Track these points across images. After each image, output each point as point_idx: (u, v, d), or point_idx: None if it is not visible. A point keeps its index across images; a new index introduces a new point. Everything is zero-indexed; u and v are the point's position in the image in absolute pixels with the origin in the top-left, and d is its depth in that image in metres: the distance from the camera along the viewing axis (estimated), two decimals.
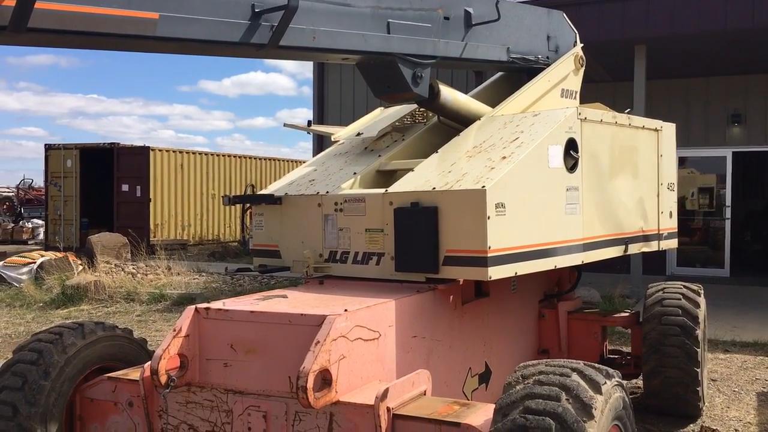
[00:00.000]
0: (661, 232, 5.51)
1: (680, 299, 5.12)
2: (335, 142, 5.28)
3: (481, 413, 2.90)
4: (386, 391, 2.94)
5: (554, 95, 5.46)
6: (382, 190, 4.15)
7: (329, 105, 15.97)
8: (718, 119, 13.58)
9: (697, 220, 14.61)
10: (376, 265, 4.14)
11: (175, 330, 3.33)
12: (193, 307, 3.45)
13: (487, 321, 4.66)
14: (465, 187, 3.80)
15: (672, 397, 5.03)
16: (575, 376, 2.69)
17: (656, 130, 5.46)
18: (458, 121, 4.90)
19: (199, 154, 22.28)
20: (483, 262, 3.71)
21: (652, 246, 5.42)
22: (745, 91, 13.41)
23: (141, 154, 19.75)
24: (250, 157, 24.83)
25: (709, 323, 8.50)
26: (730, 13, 9.74)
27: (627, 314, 5.56)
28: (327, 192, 4.37)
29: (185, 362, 3.38)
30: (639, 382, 5.66)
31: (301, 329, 3.18)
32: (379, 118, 5.46)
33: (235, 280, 12.28)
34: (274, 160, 25.98)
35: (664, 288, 5.30)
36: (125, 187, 19.58)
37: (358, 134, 5.22)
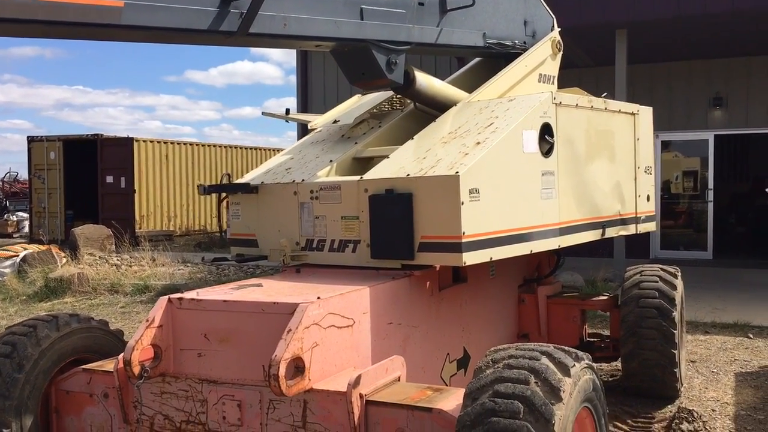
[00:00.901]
0: (638, 216, 5.53)
1: (657, 282, 5.15)
2: (313, 130, 5.26)
3: (454, 398, 2.92)
4: (359, 377, 2.95)
5: (532, 80, 5.45)
6: (357, 178, 4.14)
7: (313, 93, 15.91)
8: (700, 102, 13.63)
9: (682, 204, 14.70)
10: (353, 252, 4.13)
11: (148, 320, 3.32)
12: (166, 297, 3.44)
13: (466, 306, 4.67)
14: (439, 174, 3.80)
15: (650, 378, 5.07)
16: (544, 360, 2.70)
17: (633, 113, 5.47)
18: (435, 108, 4.89)
19: (184, 144, 22.17)
20: (457, 247, 3.72)
21: (630, 229, 5.44)
22: (727, 74, 13.46)
23: (125, 145, 19.62)
24: (235, 147, 24.74)
25: (690, 305, 8.59)
26: None
27: (606, 297, 5.59)
28: (303, 180, 4.36)
29: (159, 353, 3.37)
30: (619, 364, 5.70)
31: (274, 318, 3.18)
32: (356, 105, 5.45)
33: (220, 270, 12.26)
34: (261, 149, 25.91)
35: (642, 271, 5.33)
36: (110, 179, 19.47)
37: (335, 122, 5.21)
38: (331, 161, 4.59)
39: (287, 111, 5.95)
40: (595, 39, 11.39)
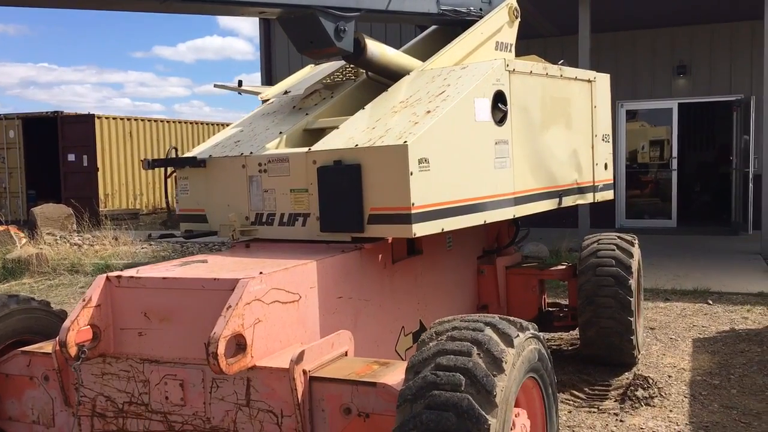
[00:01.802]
0: (596, 184, 5.50)
1: (614, 250, 5.14)
2: (264, 101, 5.13)
3: (399, 372, 2.85)
4: (302, 353, 2.87)
5: (488, 48, 5.35)
6: (306, 149, 4.04)
7: (277, 65, 15.65)
8: (664, 71, 13.66)
9: (649, 173, 14.80)
10: (302, 226, 4.04)
11: (84, 300, 3.21)
12: (104, 275, 3.32)
13: (421, 279, 4.61)
14: (387, 143, 3.71)
15: (607, 346, 5.08)
16: (488, 331, 2.64)
17: (589, 81, 5.41)
18: (388, 77, 4.78)
19: (149, 120, 21.77)
20: (407, 219, 3.64)
21: (588, 198, 5.41)
22: (690, 42, 13.49)
23: (86, 122, 19.20)
24: (202, 123, 24.37)
25: (652, 273, 8.67)
26: None
27: (564, 267, 5.58)
28: (251, 153, 4.24)
29: (98, 333, 3.26)
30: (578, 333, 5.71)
31: (215, 294, 3.08)
32: (308, 75, 5.32)
33: (185, 247, 12.09)
34: (228, 125, 25.51)
35: (599, 239, 5.32)
36: (71, 157, 19.05)
37: (286, 92, 5.07)
38: (280, 133, 4.47)
39: (240, 83, 5.80)
40: (559, 7, 11.31)
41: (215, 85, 5.91)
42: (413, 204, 3.63)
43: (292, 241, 4.07)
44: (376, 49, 4.64)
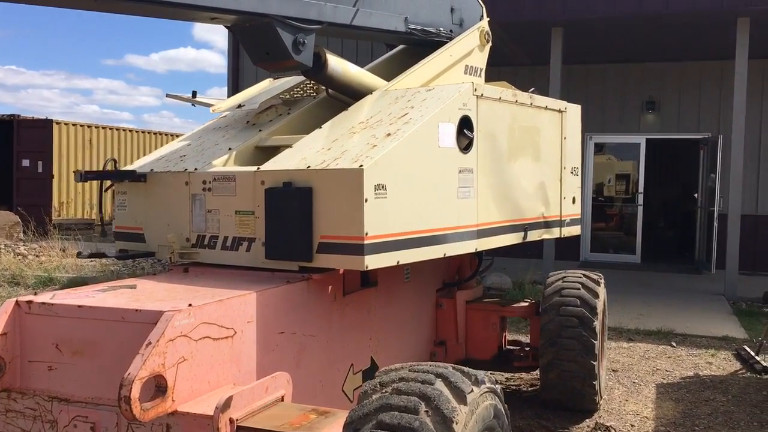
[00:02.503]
0: (563, 219, 5.26)
1: (579, 289, 4.90)
2: (226, 113, 4.80)
3: (337, 426, 2.53)
4: (229, 399, 2.54)
5: (457, 71, 5.11)
6: (254, 168, 3.72)
7: (245, 78, 15.27)
8: (634, 106, 13.64)
9: (614, 207, 14.73)
10: (247, 251, 3.71)
11: None
12: (14, 300, 2.95)
13: (375, 312, 4.30)
14: (341, 166, 3.41)
15: (568, 391, 4.81)
16: (439, 384, 2.34)
17: (560, 111, 5.20)
18: (349, 95, 4.50)
19: (111, 129, 21.21)
20: (359, 249, 3.33)
21: (554, 233, 5.17)
22: (660, 78, 13.50)
23: (43, 127, 18.57)
24: (167, 134, 23.84)
25: (616, 311, 8.47)
26: None
27: (526, 304, 5.31)
28: (195, 169, 3.90)
29: (3, 364, 2.88)
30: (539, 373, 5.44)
31: (136, 327, 2.73)
32: (266, 89, 5.01)
33: (137, 263, 11.59)
34: None
35: (564, 277, 5.08)
36: (26, 163, 18.38)
37: (239, 106, 4.76)
38: (230, 149, 4.15)
39: (194, 93, 5.45)
40: (531, 36, 11.20)
41: (167, 95, 5.57)
42: (367, 233, 3.33)
43: (236, 267, 3.74)
44: (337, 65, 4.35)
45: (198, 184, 3.85)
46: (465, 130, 4.06)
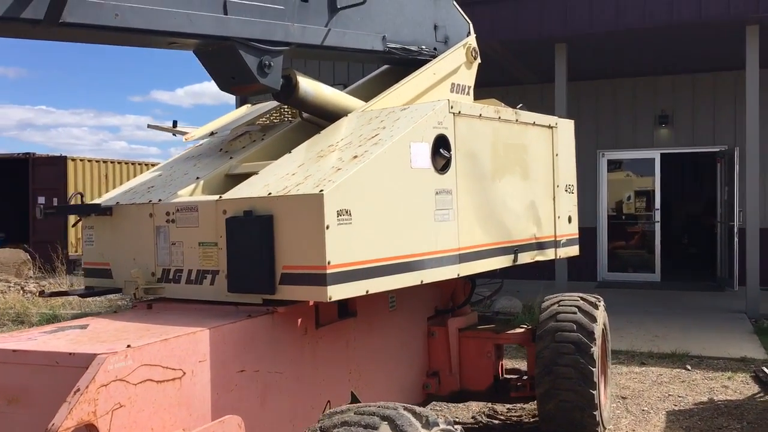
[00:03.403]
0: (558, 239, 5.02)
1: (576, 313, 4.63)
2: (191, 142, 4.67)
3: None
4: None
5: (442, 90, 4.92)
6: (216, 197, 3.55)
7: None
8: (646, 121, 13.33)
9: (632, 225, 14.36)
10: (211, 285, 3.53)
11: None
12: None
13: (355, 344, 4.08)
14: (302, 192, 3.22)
15: (568, 422, 4.51)
16: (384, 428, 2.12)
17: (550, 126, 4.97)
18: (325, 118, 4.32)
19: (125, 163, 21.32)
20: (321, 280, 3.13)
21: (548, 254, 4.92)
22: (672, 91, 13.20)
23: (57, 164, 18.71)
24: None
25: (630, 332, 8.13)
26: (649, 8, 9.42)
27: (522, 330, 5.04)
28: (159, 200, 3.74)
29: None
30: None
31: (70, 372, 2.54)
32: (243, 115, 4.87)
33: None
34: None
35: (560, 301, 4.81)
36: (41, 200, 18.49)
37: (212, 134, 4.61)
38: (197, 178, 3.99)
39: (174, 123, 5.34)
40: (535, 54, 11.01)
41: (149, 126, 5.46)
42: (329, 262, 3.12)
43: (202, 302, 3.55)
44: (309, 87, 4.19)
45: (162, 216, 3.69)
46: (441, 150, 3.86)
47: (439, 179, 3.85)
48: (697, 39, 10.53)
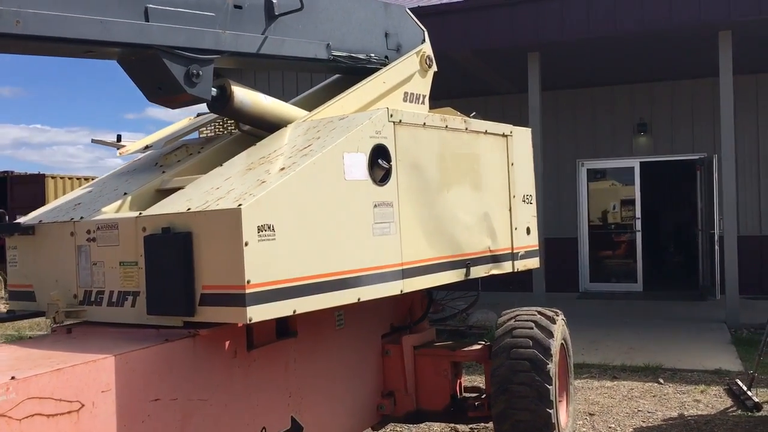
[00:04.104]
0: (515, 251, 4.83)
1: (532, 328, 4.43)
2: (127, 155, 4.48)
3: None
4: None
5: (394, 99, 4.73)
6: (136, 214, 3.36)
7: None
8: (624, 129, 13.21)
9: (614, 234, 14.18)
10: (132, 307, 3.32)
11: None
12: None
13: (295, 366, 3.88)
14: (220, 207, 3.03)
15: None
16: None
17: (504, 135, 4.80)
18: (265, 129, 4.14)
19: None
20: (240, 300, 2.93)
21: (505, 267, 4.73)
22: (651, 99, 13.09)
23: (36, 182, 18.48)
24: None
25: (605, 345, 7.93)
26: (619, 16, 9.30)
27: (479, 347, 4.84)
28: (81, 218, 3.55)
29: None
30: None
31: None
32: (184, 127, 4.68)
33: None
34: None
35: (516, 315, 4.61)
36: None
37: (146, 147, 4.42)
38: (125, 194, 3.79)
39: (118, 137, 5.14)
40: (509, 63, 10.88)
41: (93, 141, 5.26)
42: (248, 281, 2.93)
43: (125, 326, 3.34)
44: (246, 97, 4.00)
45: (83, 234, 3.49)
46: (380, 161, 3.67)
47: (378, 191, 3.67)
48: (671, 46, 10.42)
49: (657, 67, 12.01)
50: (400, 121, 3.86)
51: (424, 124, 4.06)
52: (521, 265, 4.89)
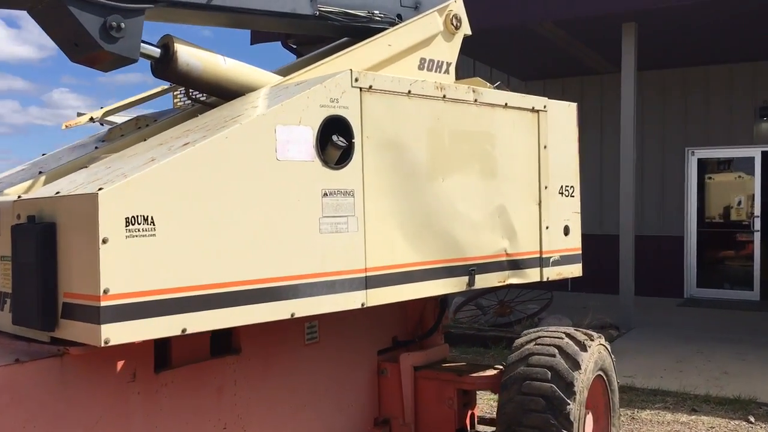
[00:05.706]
0: (546, 256, 3.86)
1: (554, 356, 3.47)
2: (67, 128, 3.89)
3: None
4: None
5: (406, 66, 3.86)
6: (16, 197, 2.73)
7: None
8: (745, 114, 11.51)
9: (731, 233, 12.47)
10: (9, 312, 2.69)
11: None
12: None
13: (234, 391, 3.15)
14: (79, 192, 2.33)
15: None
16: None
17: (534, 110, 3.82)
18: (225, 98, 3.41)
19: None
20: (93, 315, 2.22)
21: (529, 276, 3.78)
22: None
23: None
24: None
25: (692, 368, 6.66)
26: None
27: (493, 373, 3.90)
28: None
29: None
30: None
31: None
32: (144, 96, 4.04)
33: None
34: None
35: (538, 337, 3.66)
36: None
37: (91, 119, 3.81)
38: (40, 173, 3.19)
39: (92, 119, 4.58)
40: (602, 36, 9.61)
41: (65, 125, 4.70)
42: (106, 291, 2.21)
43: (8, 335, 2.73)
44: (194, 59, 3.26)
45: None
46: (335, 137, 2.85)
47: (332, 176, 2.85)
48: None
49: None
50: (371, 87, 3.02)
51: (409, 91, 3.19)
52: (554, 273, 3.92)
